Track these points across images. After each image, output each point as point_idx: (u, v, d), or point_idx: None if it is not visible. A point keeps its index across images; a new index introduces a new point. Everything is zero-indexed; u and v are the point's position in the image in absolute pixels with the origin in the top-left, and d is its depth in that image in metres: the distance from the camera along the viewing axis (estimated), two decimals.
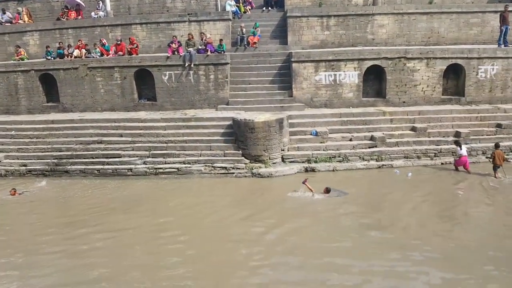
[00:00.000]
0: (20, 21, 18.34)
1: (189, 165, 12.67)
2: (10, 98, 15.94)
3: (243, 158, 12.60)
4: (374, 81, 15.01)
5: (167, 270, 7.20)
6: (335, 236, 8.19)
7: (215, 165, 12.58)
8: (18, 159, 13.60)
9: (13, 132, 14.52)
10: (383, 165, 12.44)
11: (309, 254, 7.53)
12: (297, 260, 7.35)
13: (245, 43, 16.51)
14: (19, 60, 16.52)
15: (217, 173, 12.42)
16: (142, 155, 13.17)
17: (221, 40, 15.85)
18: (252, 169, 12.21)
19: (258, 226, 8.80)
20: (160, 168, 12.67)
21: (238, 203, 10.41)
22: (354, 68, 14.47)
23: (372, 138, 13.03)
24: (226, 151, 12.85)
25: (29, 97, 15.86)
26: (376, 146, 12.82)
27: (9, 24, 18.23)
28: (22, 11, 18.50)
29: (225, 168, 12.47)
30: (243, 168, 12.33)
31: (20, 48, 17.07)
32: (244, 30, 16.57)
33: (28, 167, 13.27)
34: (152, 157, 13.04)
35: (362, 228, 8.51)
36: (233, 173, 12.32)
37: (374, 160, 12.59)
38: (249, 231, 8.62)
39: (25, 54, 17.10)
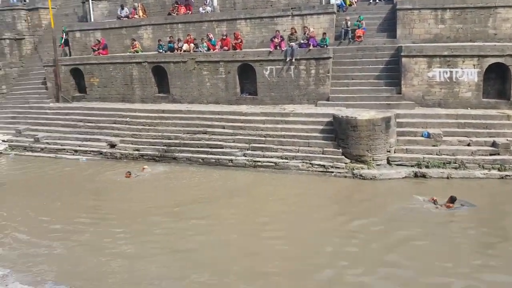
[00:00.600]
0: (135, 16, 19.79)
1: (286, 160, 12.63)
2: (126, 88, 17.37)
3: (343, 157, 12.19)
4: (496, 80, 13.46)
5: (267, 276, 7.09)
6: (450, 255, 7.40)
7: (313, 162, 12.36)
8: (132, 144, 14.80)
9: (128, 119, 15.82)
10: (506, 175, 10.97)
11: (421, 271, 6.91)
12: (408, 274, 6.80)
13: (350, 36, 15.94)
14: (134, 52, 17.91)
15: (315, 171, 12.18)
16: (242, 147, 13.46)
17: (324, 34, 15.48)
18: (353, 169, 11.74)
19: (360, 232, 8.41)
20: (259, 161, 12.83)
21: (339, 205, 10.13)
22: (474, 65, 13.12)
23: (494, 144, 11.60)
24: (325, 149, 12.55)
25: (143, 87, 17.12)
26: (498, 154, 11.39)
27: (126, 18, 19.80)
28: (138, 6, 19.95)
29: (324, 166, 12.18)
30: (343, 168, 11.93)
31: (135, 41, 18.46)
32: (349, 23, 15.99)
33: (140, 152, 14.38)
34: (251, 150, 13.27)
35: (480, 247, 7.67)
36: (332, 172, 11.98)
37: (496, 169, 11.19)
38: (349, 239, 8.20)
39: (139, 47, 18.45)
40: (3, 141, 16.48)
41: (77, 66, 18.22)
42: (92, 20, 20.70)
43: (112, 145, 14.85)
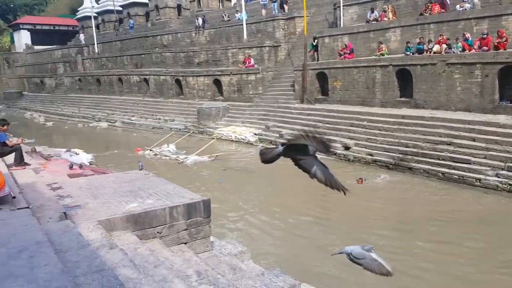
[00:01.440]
0: (385, 19, 19.38)
1: None
2: (367, 91, 17.20)
3: None
4: None
5: None
6: None
7: None
8: (366, 148, 14.52)
9: (365, 123, 15.62)
10: None
11: None
12: None
13: None
14: (379, 56, 17.54)
15: None
16: (495, 165, 11.23)
17: None
18: None
19: None
20: None
21: None
22: None
23: None
24: None
25: (384, 91, 16.60)
26: None
27: (375, 22, 19.61)
28: (388, 8, 19.46)
29: None
30: None
31: (382, 44, 18.05)
32: None
33: (373, 157, 13.95)
34: (507, 170, 10.91)
35: None
36: None
37: None
38: None
39: (386, 49, 17.94)
40: (255, 134, 18.97)
41: (323, 70, 19.21)
42: (342, 25, 21.43)
43: (347, 148, 14.94)
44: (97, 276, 3.62)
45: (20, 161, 8.06)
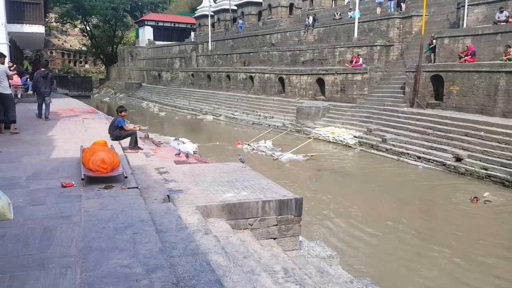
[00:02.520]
0: None
1: None
2: (488, 99, 15.50)
3: None
4: None
5: None
6: None
7: None
8: (480, 161, 13.11)
9: (482, 133, 14.11)
10: None
11: None
12: None
13: None
14: (506, 60, 15.66)
15: None
16: None
17: None
18: None
19: None
20: None
21: None
22: None
23: None
24: None
25: (507, 99, 14.80)
26: None
27: (504, 23, 17.57)
28: None
29: None
30: None
31: (510, 47, 16.10)
32: None
33: (488, 172, 12.54)
34: None
35: None
36: None
37: None
38: None
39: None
40: (355, 136, 18.32)
41: (439, 72, 17.80)
42: (465, 26, 19.63)
43: (458, 159, 13.64)
44: (191, 259, 3.81)
45: (134, 145, 8.86)
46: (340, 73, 23.16)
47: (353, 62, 23.04)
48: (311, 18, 29.54)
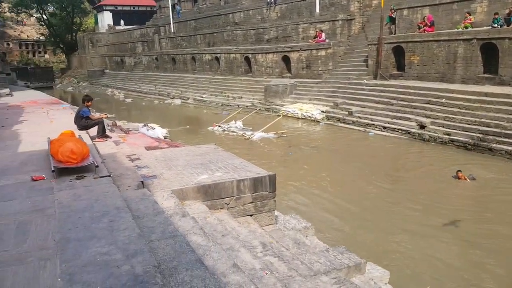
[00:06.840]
0: None
1: None
2: (447, 67, 16.04)
3: None
4: None
5: None
6: None
7: None
8: (443, 127, 13.67)
9: (443, 100, 14.66)
10: None
11: None
12: None
13: None
14: (463, 28, 16.20)
15: None
16: None
17: None
18: None
19: None
20: None
21: None
22: None
23: None
24: None
25: (466, 66, 15.38)
26: None
27: None
28: None
29: None
30: None
31: (470, 15, 16.62)
32: None
33: (450, 137, 13.12)
34: None
35: None
36: None
37: None
38: None
39: (473, 20, 16.54)
40: (322, 111, 18.63)
41: (400, 44, 18.20)
42: None
43: (422, 126, 14.17)
44: (170, 242, 3.89)
45: (102, 134, 8.72)
46: (305, 49, 23.28)
47: (317, 38, 23.18)
48: None
